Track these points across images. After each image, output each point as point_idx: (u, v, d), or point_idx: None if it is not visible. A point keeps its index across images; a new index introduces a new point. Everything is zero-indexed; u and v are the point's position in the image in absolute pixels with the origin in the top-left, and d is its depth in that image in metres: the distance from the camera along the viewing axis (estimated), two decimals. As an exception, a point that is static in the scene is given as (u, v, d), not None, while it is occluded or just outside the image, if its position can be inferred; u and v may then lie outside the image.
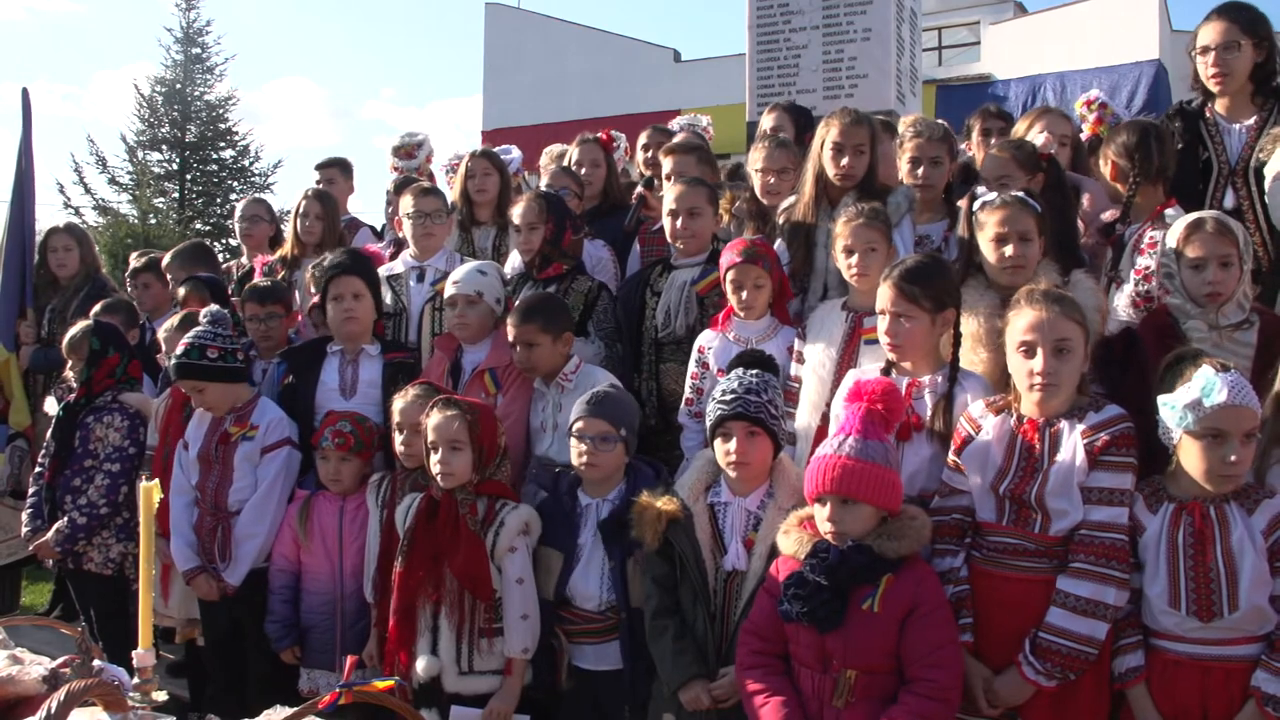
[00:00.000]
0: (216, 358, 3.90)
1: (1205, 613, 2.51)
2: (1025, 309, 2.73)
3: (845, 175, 3.84)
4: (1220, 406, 2.48)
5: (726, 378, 3.05)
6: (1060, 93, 12.90)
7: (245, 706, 1.98)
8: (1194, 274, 3.01)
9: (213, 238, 19.42)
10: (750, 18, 7.28)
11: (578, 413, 3.27)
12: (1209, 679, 2.54)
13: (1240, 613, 2.49)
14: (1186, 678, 2.56)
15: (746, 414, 2.92)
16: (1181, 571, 2.55)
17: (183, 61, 22.44)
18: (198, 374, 3.89)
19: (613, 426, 3.23)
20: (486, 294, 3.96)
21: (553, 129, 9.83)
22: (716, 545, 2.98)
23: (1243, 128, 3.77)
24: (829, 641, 2.56)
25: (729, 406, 2.93)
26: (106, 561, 4.36)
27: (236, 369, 3.98)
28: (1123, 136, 3.74)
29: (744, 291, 3.64)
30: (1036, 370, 2.67)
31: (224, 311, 4.09)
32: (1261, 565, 2.49)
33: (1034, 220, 3.15)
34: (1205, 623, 2.52)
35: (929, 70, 14.54)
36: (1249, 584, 2.48)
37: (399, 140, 6.34)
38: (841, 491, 2.60)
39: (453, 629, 3.19)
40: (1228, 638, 2.53)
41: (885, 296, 3.02)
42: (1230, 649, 2.53)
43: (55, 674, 1.86)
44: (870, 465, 2.60)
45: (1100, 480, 2.63)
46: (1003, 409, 2.82)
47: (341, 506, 3.79)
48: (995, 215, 3.16)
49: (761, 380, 2.98)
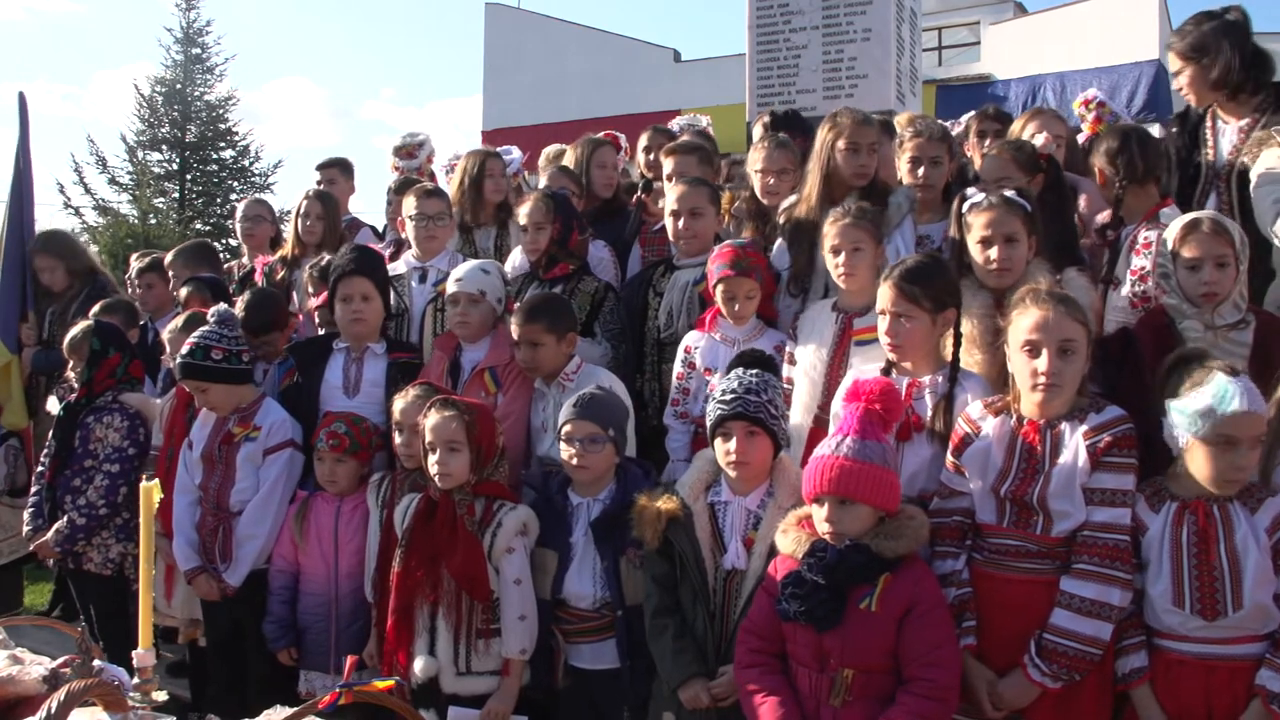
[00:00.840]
0: (221, 359, 3.90)
1: (1209, 611, 2.51)
2: (1030, 308, 2.72)
3: (862, 174, 3.87)
4: (1234, 414, 2.48)
5: (726, 377, 3.05)
6: (1060, 93, 12.91)
7: (246, 707, 1.99)
8: (1190, 274, 3.01)
9: (213, 238, 19.36)
10: (750, 18, 7.28)
11: (565, 415, 3.28)
12: (1213, 678, 2.54)
13: (1244, 611, 2.49)
14: (1190, 677, 2.56)
15: (746, 414, 2.91)
16: (1185, 570, 2.55)
17: (183, 61, 22.45)
18: (201, 374, 3.89)
19: (600, 427, 3.22)
20: (489, 292, 3.96)
21: (553, 129, 9.83)
22: (716, 544, 2.97)
23: (1236, 128, 3.79)
24: (826, 640, 2.56)
25: (729, 406, 2.93)
26: (106, 562, 4.36)
27: (241, 370, 3.98)
28: (1105, 143, 3.79)
29: (736, 303, 3.66)
30: (1041, 370, 2.66)
31: (231, 311, 4.09)
32: (1265, 563, 2.49)
33: (1021, 221, 3.14)
34: (1209, 621, 2.52)
35: (929, 70, 14.54)
36: (1253, 582, 2.48)
37: (400, 140, 6.34)
38: (839, 492, 2.60)
39: (450, 629, 3.19)
40: (1231, 637, 2.53)
41: (886, 296, 3.02)
42: (1234, 648, 2.53)
43: (55, 674, 1.86)
44: (868, 466, 2.60)
45: (1103, 481, 2.63)
46: (1002, 410, 2.82)
47: (338, 507, 3.79)
48: (981, 217, 3.16)
49: (761, 380, 2.97)
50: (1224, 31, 3.71)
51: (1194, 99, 3.88)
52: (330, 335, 4.22)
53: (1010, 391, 2.81)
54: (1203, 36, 3.74)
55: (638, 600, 3.15)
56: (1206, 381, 2.52)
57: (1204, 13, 3.81)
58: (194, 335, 3.97)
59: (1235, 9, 3.78)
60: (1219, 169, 3.80)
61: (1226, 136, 3.81)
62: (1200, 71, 3.76)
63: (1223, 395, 2.48)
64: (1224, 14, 3.76)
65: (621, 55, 19.68)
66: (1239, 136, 3.75)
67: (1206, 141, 3.86)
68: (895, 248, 3.74)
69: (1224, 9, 3.78)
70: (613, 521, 3.19)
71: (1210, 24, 3.74)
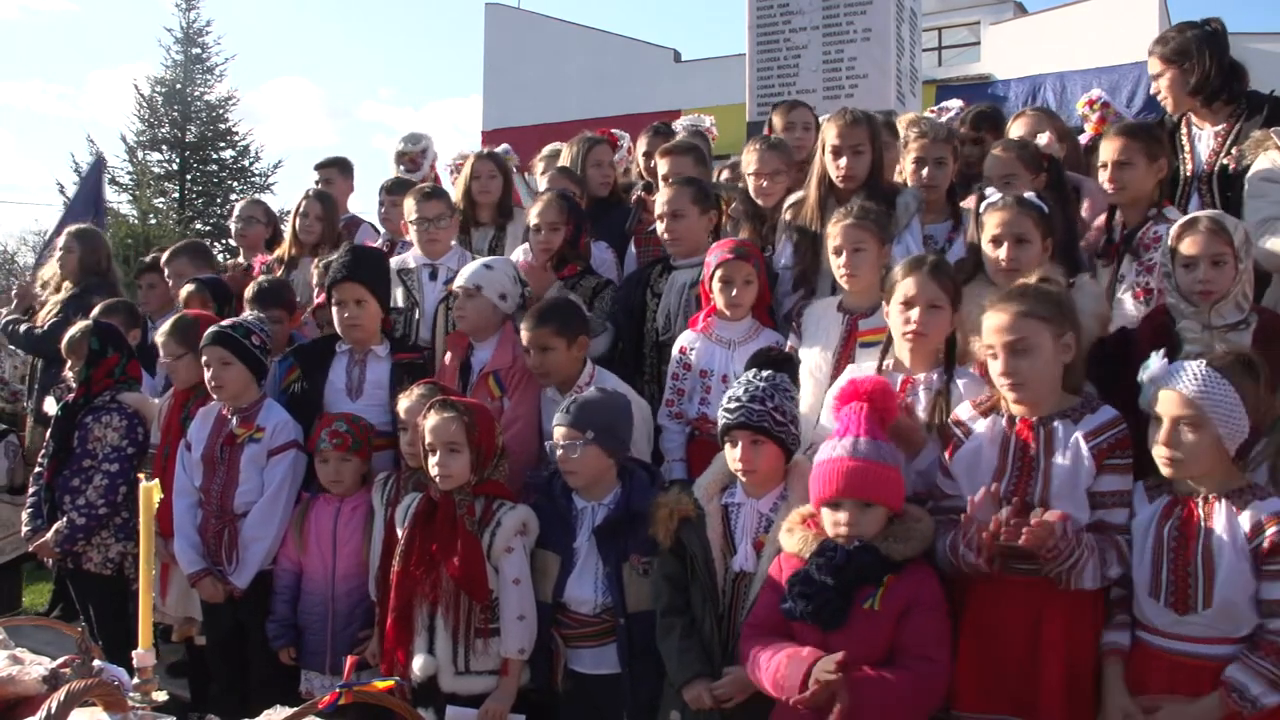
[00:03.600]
0: (257, 345, 3.97)
1: (1181, 605, 2.53)
2: (989, 310, 2.77)
3: (846, 177, 3.85)
4: (1154, 387, 2.55)
5: (736, 382, 3.04)
6: (1060, 93, 12.90)
7: (246, 706, 1.98)
8: (1186, 272, 3.03)
9: (213, 238, 19.41)
10: (750, 18, 7.28)
11: (554, 421, 3.27)
12: (1178, 675, 2.55)
13: (1213, 609, 2.49)
14: (1158, 671, 2.57)
15: (749, 423, 2.92)
16: (1164, 563, 2.57)
17: (183, 62, 22.45)
18: (233, 346, 3.91)
19: (579, 430, 3.19)
20: (485, 288, 3.93)
21: (553, 129, 9.80)
22: (728, 546, 2.98)
23: (1211, 133, 3.88)
24: (832, 640, 2.57)
25: (733, 415, 2.94)
26: (105, 561, 4.36)
27: (263, 365, 4.03)
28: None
29: (733, 288, 3.64)
30: (998, 372, 2.72)
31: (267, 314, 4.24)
32: (1240, 564, 2.48)
33: (1034, 222, 3.17)
34: (1180, 615, 2.53)
35: (929, 70, 14.54)
36: (1224, 581, 2.48)
37: (402, 145, 6.25)
38: (859, 495, 2.61)
39: (449, 629, 3.19)
40: (1201, 636, 2.53)
41: (917, 286, 2.99)
42: (1202, 647, 2.53)
43: (55, 674, 1.87)
44: (883, 466, 2.64)
45: (1110, 484, 2.67)
46: (991, 409, 2.83)
47: (338, 508, 3.78)
48: (995, 217, 3.21)
49: (770, 385, 2.95)
50: (1205, 40, 3.84)
51: (1171, 104, 3.99)
52: (333, 337, 4.22)
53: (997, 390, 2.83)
54: (1185, 43, 3.86)
55: (640, 607, 3.14)
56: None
57: (1186, 22, 3.95)
58: (240, 317, 4.09)
59: (1215, 20, 3.90)
60: (1199, 173, 3.89)
61: (1203, 141, 3.91)
62: (1180, 76, 3.88)
63: (1145, 367, 2.56)
64: (1205, 24, 3.89)
65: (621, 55, 19.68)
66: (1216, 141, 3.86)
67: (1183, 147, 3.95)
68: (905, 247, 3.72)
69: (1205, 20, 3.91)
70: (616, 527, 3.18)
71: (1192, 32, 3.87)
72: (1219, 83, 3.83)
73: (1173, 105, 3.98)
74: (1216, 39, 3.85)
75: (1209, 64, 3.80)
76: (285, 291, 4.69)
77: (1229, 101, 3.86)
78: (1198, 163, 3.91)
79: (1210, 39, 3.84)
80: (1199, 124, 3.95)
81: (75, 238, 6.02)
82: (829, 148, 3.87)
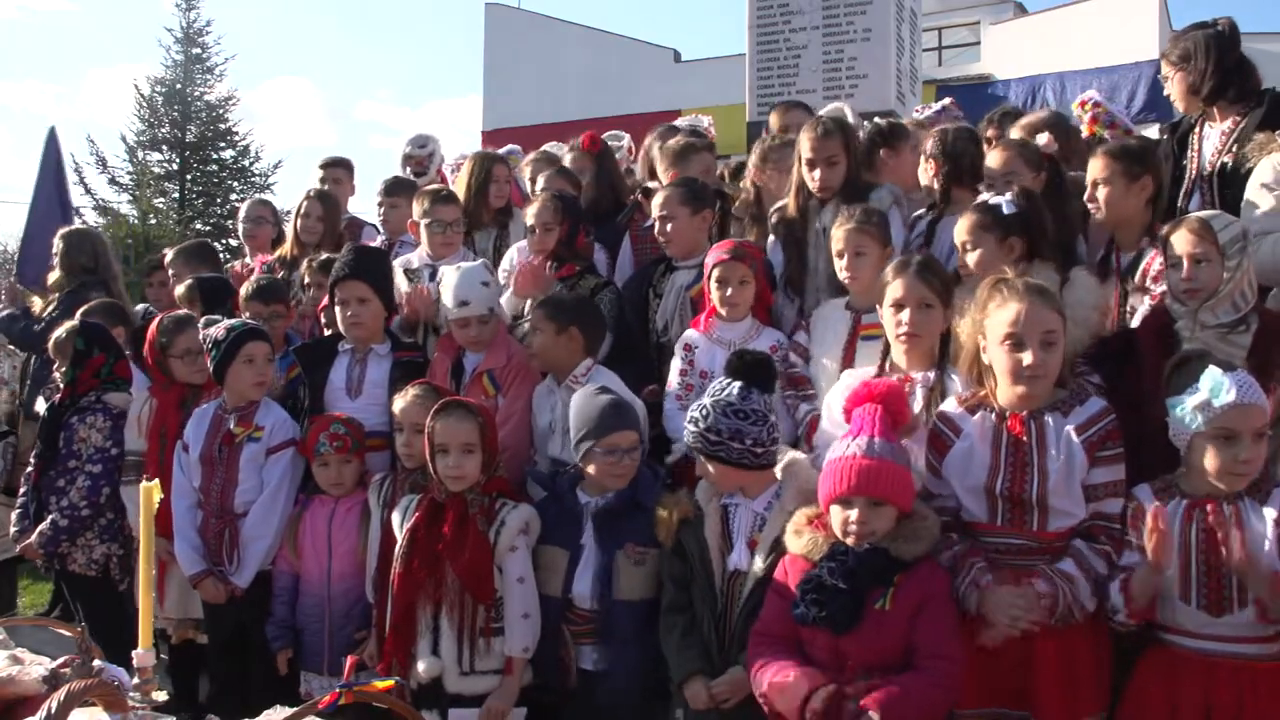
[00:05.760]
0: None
1: (1215, 608, 2.54)
2: (1009, 302, 2.72)
3: (822, 188, 3.90)
4: (1229, 407, 2.50)
5: (699, 403, 3.02)
6: (1060, 93, 12.92)
7: (246, 706, 1.98)
8: (1174, 271, 3.05)
9: (213, 238, 19.38)
10: (750, 18, 7.28)
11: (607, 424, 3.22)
12: (1214, 675, 2.55)
13: (1250, 608, 2.50)
14: (1192, 673, 2.57)
15: (703, 451, 2.96)
16: (1193, 567, 2.57)
17: (183, 62, 22.47)
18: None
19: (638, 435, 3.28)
20: (496, 307, 3.99)
21: (553, 129, 9.80)
22: (725, 545, 3.00)
23: (1219, 132, 3.87)
24: (844, 643, 2.58)
25: (691, 439, 3.00)
26: (90, 563, 4.32)
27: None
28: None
29: (728, 288, 3.65)
30: (1027, 364, 2.67)
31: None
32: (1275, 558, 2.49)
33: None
34: (1215, 617, 2.54)
35: (929, 70, 14.54)
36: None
37: (409, 149, 6.20)
38: (872, 493, 2.61)
39: (454, 629, 3.19)
40: (1236, 635, 2.54)
41: (905, 288, 3.02)
42: (1238, 646, 2.54)
43: (55, 674, 1.87)
44: (896, 466, 2.64)
45: (1103, 476, 2.70)
46: (977, 405, 2.83)
47: (333, 509, 3.77)
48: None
49: (732, 411, 2.92)
50: (1208, 41, 3.83)
51: (1181, 105, 4.00)
52: (336, 336, 4.22)
53: (986, 385, 2.81)
54: (1189, 45, 3.87)
55: (627, 596, 3.16)
56: (1202, 378, 2.55)
57: (1196, 24, 3.94)
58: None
59: (1225, 20, 3.88)
60: (1203, 172, 3.88)
61: (1210, 140, 3.89)
62: (1184, 78, 3.89)
63: (1216, 388, 2.51)
64: (1214, 25, 3.88)
65: (621, 55, 19.68)
66: (1221, 139, 3.83)
67: (1192, 146, 3.94)
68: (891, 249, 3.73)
69: (1214, 20, 3.90)
70: (610, 515, 3.19)
71: (1198, 33, 3.87)
72: (1218, 83, 3.81)
73: (1183, 107, 3.98)
74: (1221, 39, 3.82)
75: (1206, 65, 3.80)
76: (284, 289, 4.71)
77: (1236, 100, 3.83)
78: (1202, 162, 3.88)
79: (1215, 39, 3.82)
80: (1210, 124, 3.92)
81: (61, 239, 6.02)
82: (803, 160, 3.91)
